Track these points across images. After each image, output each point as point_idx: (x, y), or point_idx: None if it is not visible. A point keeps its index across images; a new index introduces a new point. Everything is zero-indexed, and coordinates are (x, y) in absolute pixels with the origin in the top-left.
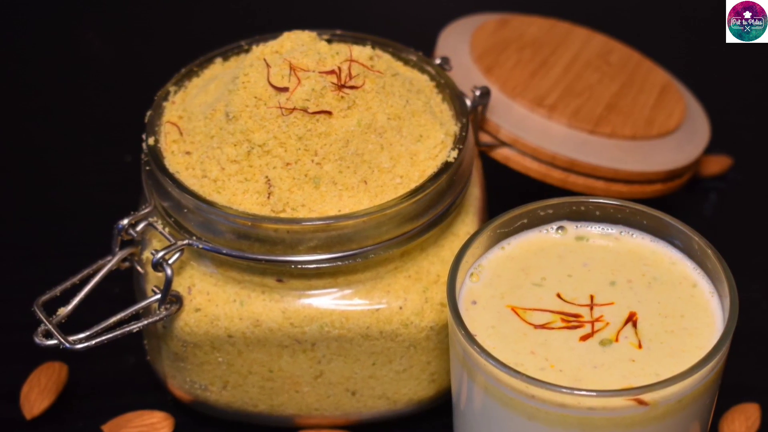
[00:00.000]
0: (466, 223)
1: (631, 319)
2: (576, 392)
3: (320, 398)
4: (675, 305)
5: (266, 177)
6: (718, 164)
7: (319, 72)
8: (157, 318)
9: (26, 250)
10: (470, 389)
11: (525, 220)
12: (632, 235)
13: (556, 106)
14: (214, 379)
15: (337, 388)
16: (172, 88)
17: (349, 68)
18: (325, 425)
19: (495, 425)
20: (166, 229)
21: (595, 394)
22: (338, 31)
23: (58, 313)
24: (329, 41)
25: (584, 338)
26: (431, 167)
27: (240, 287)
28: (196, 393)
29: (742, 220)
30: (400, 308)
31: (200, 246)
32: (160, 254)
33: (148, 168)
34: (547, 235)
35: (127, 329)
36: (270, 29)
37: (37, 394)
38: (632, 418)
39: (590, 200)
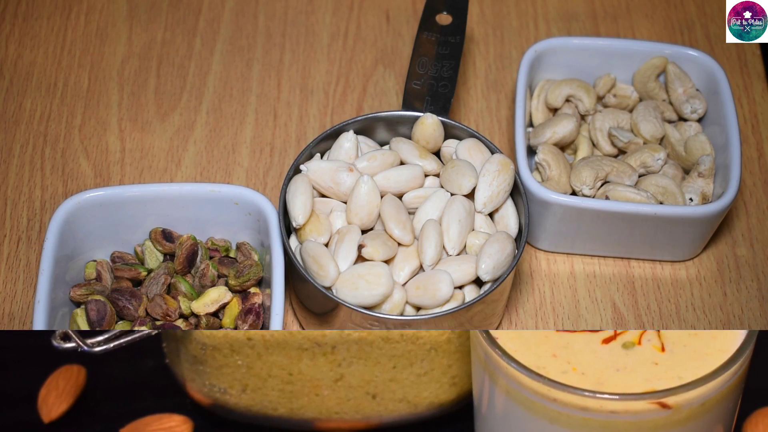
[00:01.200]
0: None
1: None
2: (598, 395)
3: (340, 402)
4: None
5: None
6: None
7: None
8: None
9: None
10: (492, 392)
11: None
12: None
13: None
14: (234, 382)
15: (358, 391)
16: None
17: None
18: (346, 429)
19: (517, 429)
20: None
21: (617, 397)
22: None
23: None
24: None
25: (607, 341)
26: None
27: None
28: (215, 396)
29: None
30: None
31: None
32: None
33: None
34: None
35: (146, 332)
36: None
37: (55, 397)
38: (655, 421)
39: None
